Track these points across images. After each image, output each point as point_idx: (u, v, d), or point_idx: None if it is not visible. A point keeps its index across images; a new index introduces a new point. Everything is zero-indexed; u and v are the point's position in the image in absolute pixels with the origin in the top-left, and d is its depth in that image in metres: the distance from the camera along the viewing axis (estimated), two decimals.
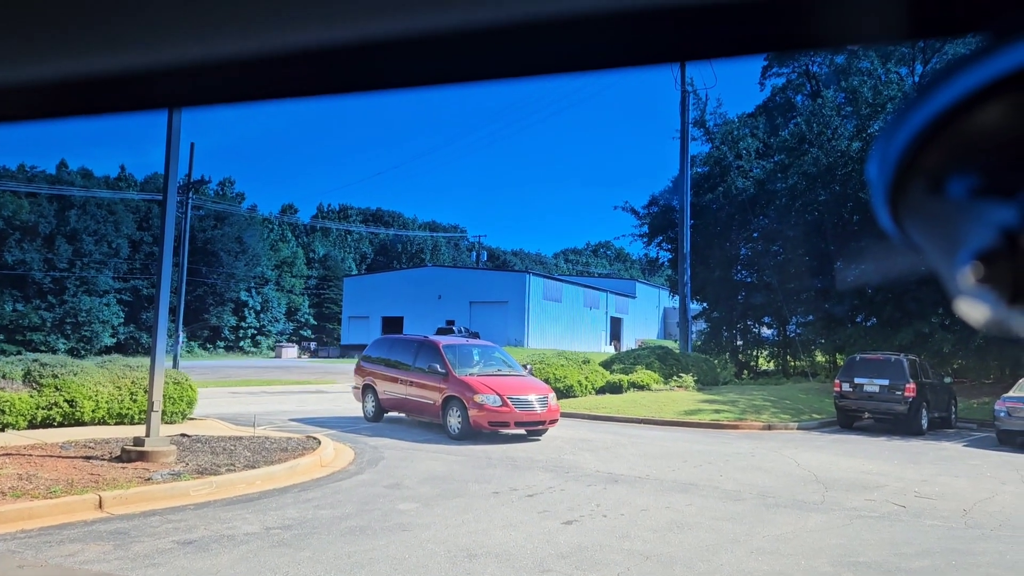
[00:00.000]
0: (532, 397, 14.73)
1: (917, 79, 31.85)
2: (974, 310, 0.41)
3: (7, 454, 10.39)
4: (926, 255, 0.44)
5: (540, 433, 15.02)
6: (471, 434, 14.25)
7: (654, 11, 0.45)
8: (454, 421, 14.54)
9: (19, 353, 30.91)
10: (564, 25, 0.47)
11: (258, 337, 68.13)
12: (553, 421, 14.97)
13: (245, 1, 0.49)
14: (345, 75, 0.55)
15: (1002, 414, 16.39)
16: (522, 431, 14.75)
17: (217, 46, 0.53)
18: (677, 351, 29.12)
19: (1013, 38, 0.35)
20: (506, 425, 14.32)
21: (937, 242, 0.43)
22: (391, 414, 16.96)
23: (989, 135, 0.37)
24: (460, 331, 43.12)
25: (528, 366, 17.95)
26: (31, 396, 12.94)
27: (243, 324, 66.68)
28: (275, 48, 0.52)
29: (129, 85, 0.58)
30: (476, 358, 16.09)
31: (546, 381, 18.70)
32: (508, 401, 14.28)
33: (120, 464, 10.12)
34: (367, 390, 17.17)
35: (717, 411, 20.12)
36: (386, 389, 16.63)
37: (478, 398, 14.24)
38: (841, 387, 19.04)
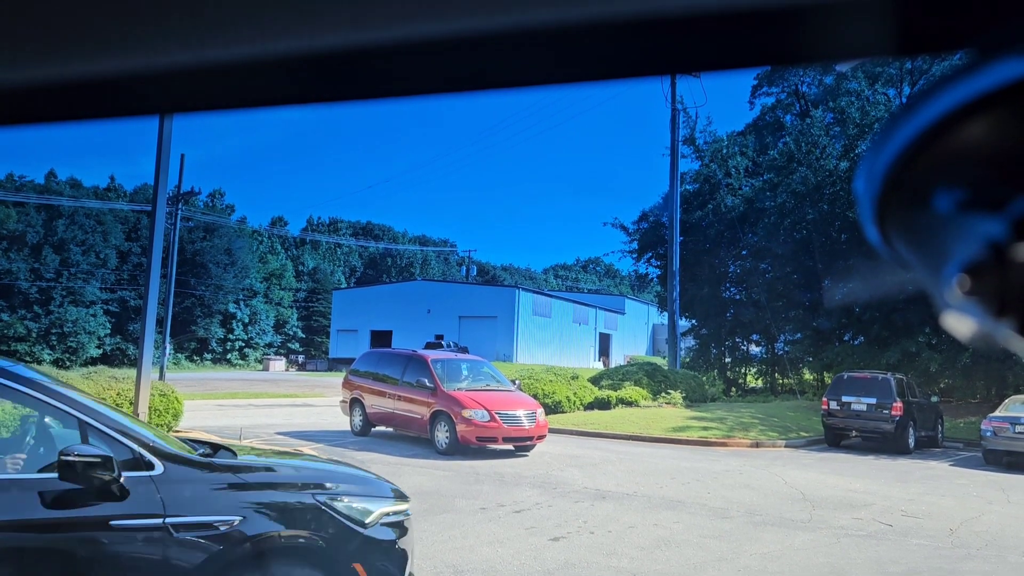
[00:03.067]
0: (520, 412, 14.69)
1: (904, 100, 32.16)
2: (961, 323, 0.41)
3: None
4: (914, 270, 0.45)
5: (528, 449, 14.98)
6: (459, 449, 14.19)
7: (647, 22, 0.45)
8: (442, 436, 14.48)
9: None
10: (556, 35, 0.47)
11: (246, 350, 67.78)
12: (541, 437, 14.93)
13: (235, 8, 0.49)
14: (340, 82, 0.55)
15: (988, 434, 16.46)
16: (510, 447, 14.71)
17: (208, 52, 0.53)
18: (666, 367, 29.14)
19: (997, 55, 0.36)
20: (494, 440, 14.27)
21: (924, 256, 0.43)
22: (379, 428, 16.88)
23: (975, 149, 0.37)
24: (449, 345, 43.02)
25: (516, 381, 17.92)
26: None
27: (231, 336, 66.34)
28: (266, 54, 0.52)
29: (119, 91, 0.57)
30: (465, 373, 16.05)
31: (535, 397, 18.67)
32: (496, 416, 14.23)
33: None
34: (355, 404, 17.09)
35: (705, 428, 20.12)
36: (374, 403, 16.55)
37: (466, 413, 14.19)
38: (829, 405, 19.09)
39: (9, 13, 0.50)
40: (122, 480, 3.43)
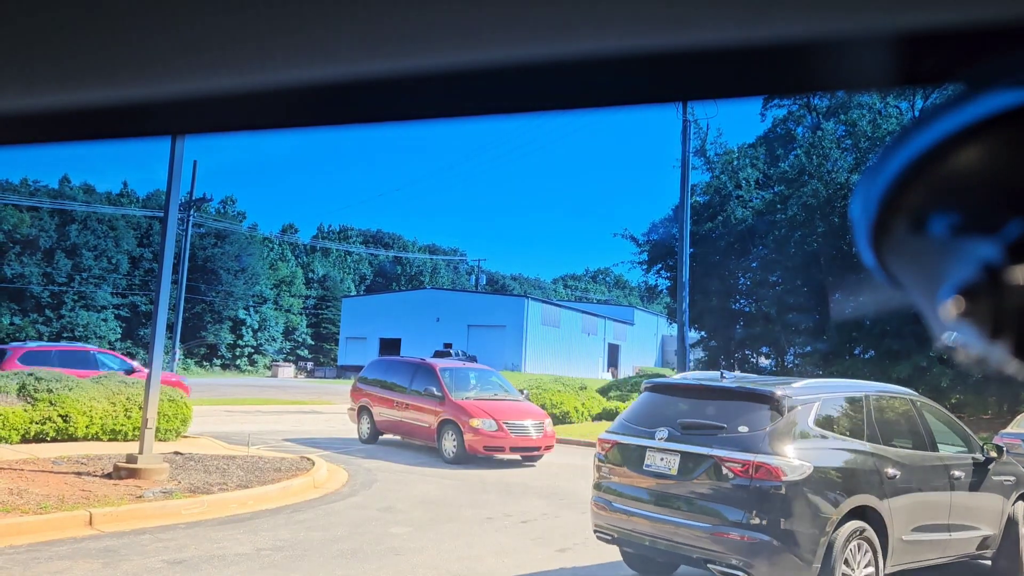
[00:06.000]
0: (528, 423, 14.66)
1: (917, 113, 32.09)
2: (955, 346, 0.42)
3: None
4: (909, 293, 0.45)
5: (535, 459, 14.94)
6: (466, 458, 14.17)
7: (659, 55, 0.46)
8: (449, 445, 14.46)
9: None
10: (568, 66, 0.48)
11: (255, 356, 67.94)
12: (548, 447, 14.89)
13: (245, 39, 0.49)
14: (350, 109, 0.56)
15: None
16: (517, 456, 14.68)
17: (219, 80, 0.53)
18: None
19: (984, 87, 0.38)
20: (501, 450, 14.25)
21: (919, 279, 0.44)
22: (386, 436, 16.88)
23: (968, 175, 0.39)
24: (458, 354, 43.00)
25: (525, 391, 17.88)
26: (25, 410, 12.89)
27: (240, 342, 66.51)
28: (275, 82, 0.53)
29: (132, 114, 0.59)
30: (473, 382, 16.04)
31: (543, 407, 18.64)
32: (504, 426, 14.21)
33: (112, 481, 10.06)
34: (363, 412, 17.10)
35: None
36: (382, 411, 16.55)
37: (474, 422, 14.17)
38: None
39: (27, 42, 0.52)
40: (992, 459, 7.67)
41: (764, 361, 38.00)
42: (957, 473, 7.16)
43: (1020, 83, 0.37)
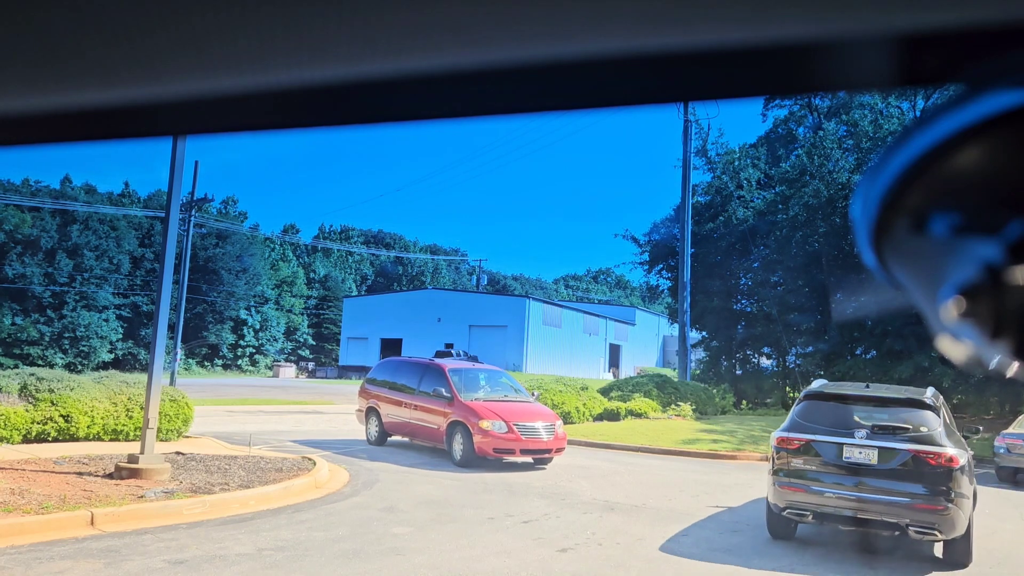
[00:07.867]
0: (539, 424, 14.45)
1: (918, 114, 32.07)
2: (956, 346, 0.42)
3: (0, 468, 10.34)
4: (910, 293, 0.46)
5: (546, 462, 14.71)
6: (475, 460, 14.01)
7: (657, 56, 0.46)
8: (458, 447, 14.29)
9: (16, 367, 30.82)
10: (568, 66, 0.48)
11: (256, 356, 67.96)
12: (560, 449, 14.61)
13: (245, 37, 0.49)
14: (350, 109, 0.56)
15: (1002, 450, 16.29)
16: (528, 459, 14.48)
17: (219, 79, 0.53)
18: (676, 379, 29.04)
19: (985, 87, 0.38)
20: (511, 452, 14.04)
21: (920, 280, 0.44)
22: (395, 438, 16.76)
23: (969, 175, 0.39)
24: (459, 354, 42.97)
25: (535, 392, 17.72)
26: (27, 410, 12.89)
27: (241, 343, 66.54)
28: (276, 84, 0.53)
29: (133, 114, 0.59)
30: (482, 383, 15.82)
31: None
32: (514, 428, 13.99)
33: (113, 481, 10.06)
34: (371, 413, 16.97)
35: (715, 441, 20.02)
36: (390, 412, 16.44)
37: (483, 424, 14.00)
38: None
39: (28, 42, 0.52)
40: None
41: (765, 361, 37.99)
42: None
43: (1020, 83, 0.37)
